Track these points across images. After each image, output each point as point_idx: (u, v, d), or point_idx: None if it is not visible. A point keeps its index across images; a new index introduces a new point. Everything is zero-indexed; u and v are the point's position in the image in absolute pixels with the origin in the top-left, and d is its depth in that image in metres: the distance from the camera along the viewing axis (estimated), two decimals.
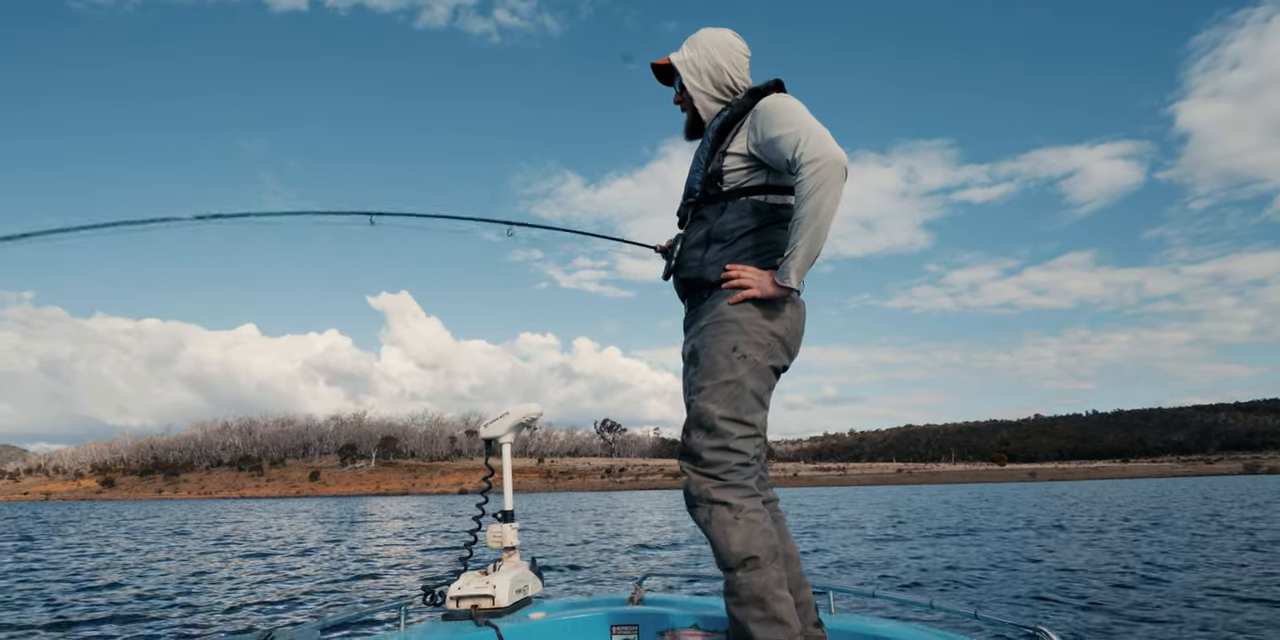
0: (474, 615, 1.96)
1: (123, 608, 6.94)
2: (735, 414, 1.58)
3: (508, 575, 2.05)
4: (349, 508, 44.74)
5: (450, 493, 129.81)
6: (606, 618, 2.06)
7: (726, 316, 1.63)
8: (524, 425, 2.18)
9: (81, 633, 5.80)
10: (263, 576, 9.30)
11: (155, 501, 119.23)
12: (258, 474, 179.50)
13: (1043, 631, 1.52)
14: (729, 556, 1.53)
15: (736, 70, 1.80)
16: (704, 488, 1.57)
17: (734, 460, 1.58)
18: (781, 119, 1.60)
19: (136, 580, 9.11)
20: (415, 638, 1.85)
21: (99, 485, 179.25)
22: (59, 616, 6.47)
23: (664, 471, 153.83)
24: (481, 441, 2.21)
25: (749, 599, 1.50)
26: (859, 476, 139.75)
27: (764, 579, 1.51)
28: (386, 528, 20.38)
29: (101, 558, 12.44)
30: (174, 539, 16.98)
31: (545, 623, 1.99)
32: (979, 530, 14.37)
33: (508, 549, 2.13)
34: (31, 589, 8.33)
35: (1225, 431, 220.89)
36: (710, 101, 1.81)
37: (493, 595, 2.00)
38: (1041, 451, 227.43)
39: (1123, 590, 6.63)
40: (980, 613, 1.76)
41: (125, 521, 29.37)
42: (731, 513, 1.54)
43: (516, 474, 1.89)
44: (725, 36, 1.82)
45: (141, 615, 6.51)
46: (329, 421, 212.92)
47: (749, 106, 1.70)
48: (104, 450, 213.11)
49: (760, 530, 1.55)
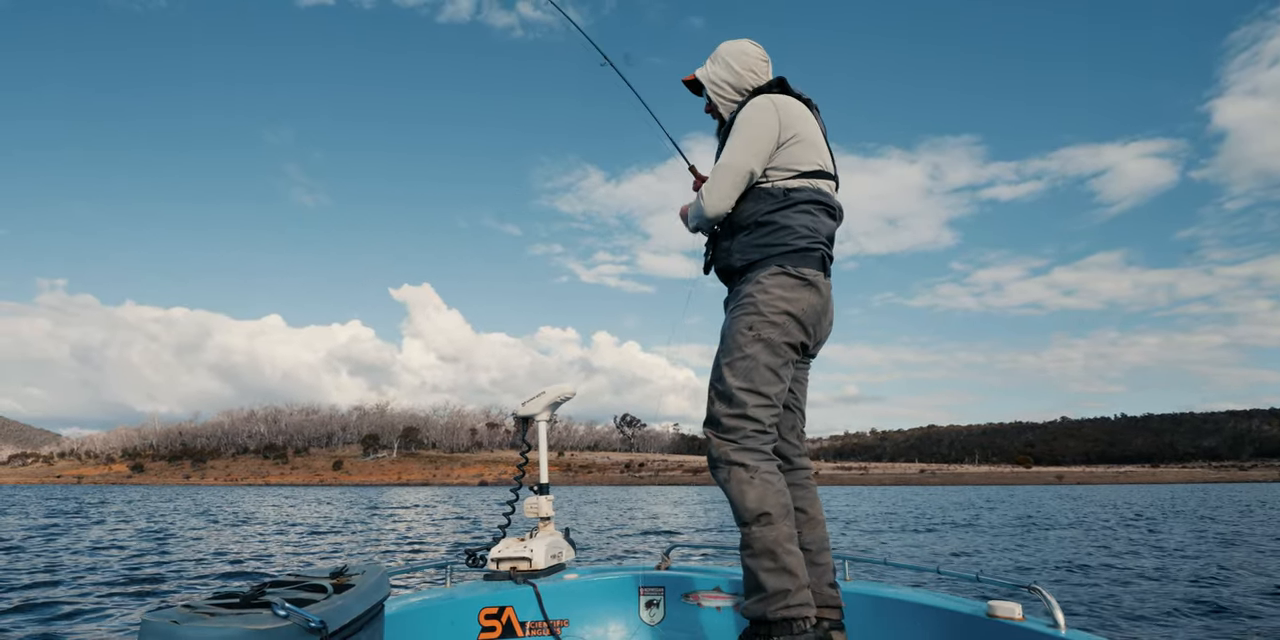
0: (513, 575, 2.16)
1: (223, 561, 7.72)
2: (750, 385, 1.76)
3: (544, 541, 2.24)
4: (373, 495, 45.73)
5: (470, 484, 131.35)
6: (635, 580, 2.24)
7: (746, 299, 1.81)
8: (559, 403, 2.35)
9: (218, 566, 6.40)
10: (327, 543, 9.87)
11: (184, 487, 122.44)
12: (282, 462, 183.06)
13: (1036, 589, 1.68)
14: (744, 512, 1.71)
15: (754, 75, 2.00)
16: (723, 450, 1.75)
17: (749, 426, 1.75)
18: (732, 132, 1.86)
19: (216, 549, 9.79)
20: (461, 593, 2.04)
21: (129, 470, 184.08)
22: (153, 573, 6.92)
23: (684, 467, 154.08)
24: (518, 420, 2.39)
25: (761, 551, 1.68)
26: (881, 476, 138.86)
27: (775, 533, 1.68)
28: (417, 512, 20.89)
29: (196, 530, 13.11)
30: (228, 518, 17.61)
31: (579, 583, 2.18)
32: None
33: (543, 519, 2.32)
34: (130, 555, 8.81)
35: (1260, 438, 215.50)
36: (733, 107, 2.01)
37: (530, 558, 2.19)
38: (1068, 454, 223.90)
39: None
40: (982, 576, 1.92)
41: (201, 503, 30.32)
42: (748, 473, 1.71)
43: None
44: (741, 47, 2.02)
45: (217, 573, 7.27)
46: (352, 412, 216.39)
47: (743, 105, 1.91)
48: (134, 436, 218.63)
49: (774, 490, 1.71)
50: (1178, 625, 4.72)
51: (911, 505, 27.25)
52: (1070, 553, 8.86)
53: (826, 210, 1.88)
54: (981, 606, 1.76)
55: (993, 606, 1.70)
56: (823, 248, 1.84)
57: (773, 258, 1.81)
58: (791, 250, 1.80)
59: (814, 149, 1.88)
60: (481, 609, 2.01)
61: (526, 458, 2.38)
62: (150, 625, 1.02)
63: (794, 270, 1.79)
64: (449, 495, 49.01)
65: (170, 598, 6.10)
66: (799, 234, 1.81)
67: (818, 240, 1.83)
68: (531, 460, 2.38)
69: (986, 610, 1.71)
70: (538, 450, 2.37)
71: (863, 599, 1.96)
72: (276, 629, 1.04)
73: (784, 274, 1.79)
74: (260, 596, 1.17)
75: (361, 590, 1.33)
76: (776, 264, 1.80)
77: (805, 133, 1.86)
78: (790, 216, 1.82)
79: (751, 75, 1.99)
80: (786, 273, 1.79)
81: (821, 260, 1.84)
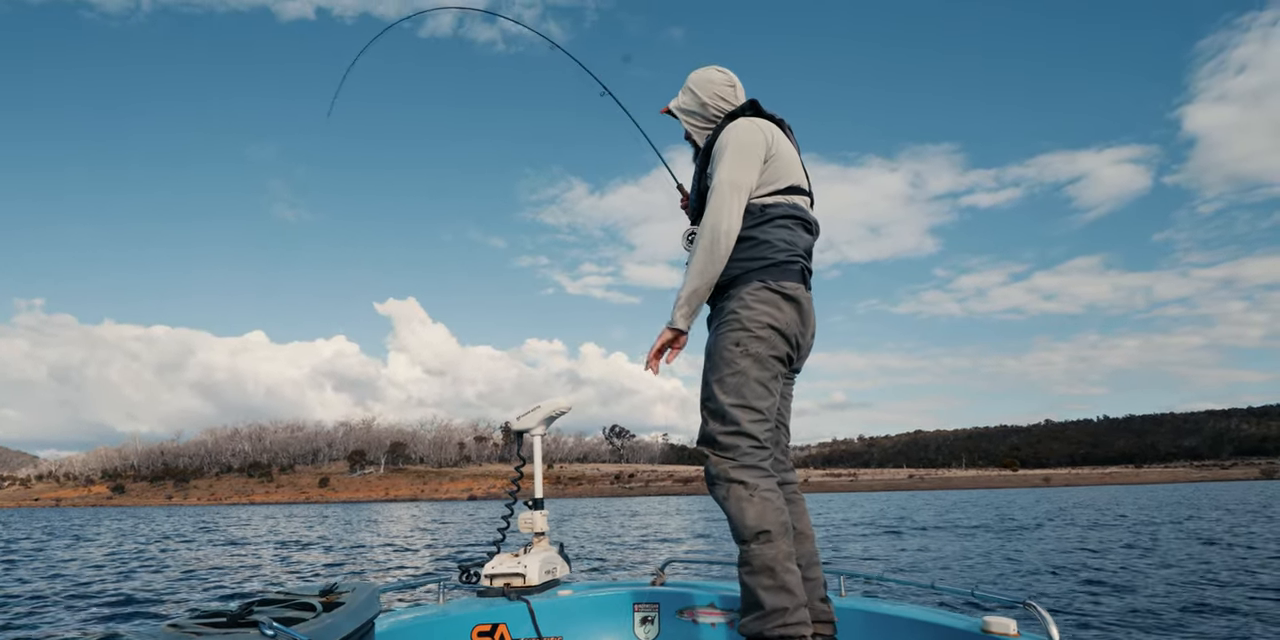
0: (506, 592, 2.14)
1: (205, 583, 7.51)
2: (743, 401, 1.76)
3: (538, 557, 2.23)
4: (361, 511, 45.19)
5: (459, 498, 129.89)
6: (630, 596, 2.23)
7: (730, 315, 1.83)
8: (554, 418, 2.35)
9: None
10: (322, 560, 9.73)
11: (166, 507, 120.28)
12: (267, 480, 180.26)
13: (1031, 605, 1.67)
14: (744, 530, 1.70)
15: (721, 100, 2.06)
16: (722, 467, 1.75)
17: (746, 443, 1.76)
18: (716, 158, 1.88)
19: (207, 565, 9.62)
20: (454, 610, 2.02)
21: (109, 491, 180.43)
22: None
23: (674, 477, 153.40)
24: (513, 436, 2.39)
25: (760, 568, 1.67)
26: (870, 482, 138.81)
27: (774, 551, 1.68)
28: (405, 528, 20.66)
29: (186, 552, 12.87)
30: (214, 536, 17.30)
31: (573, 599, 2.17)
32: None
33: (538, 534, 2.31)
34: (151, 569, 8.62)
35: (1239, 437, 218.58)
36: (705, 132, 2.07)
37: (524, 574, 2.17)
38: (1053, 457, 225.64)
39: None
40: (976, 591, 1.92)
41: (184, 523, 29.78)
42: (747, 490, 1.72)
43: (525, 481, 1.97)
44: (707, 75, 2.09)
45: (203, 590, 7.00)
46: (338, 427, 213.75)
47: (721, 129, 1.95)
48: (114, 456, 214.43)
49: (773, 507, 1.72)
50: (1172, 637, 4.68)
51: (903, 511, 27.30)
52: (1063, 562, 8.90)
53: (803, 225, 1.92)
54: (977, 622, 1.75)
55: (988, 622, 1.70)
56: (801, 261, 1.88)
57: (753, 272, 1.83)
58: (771, 264, 1.82)
59: (790, 166, 1.92)
60: (475, 626, 1.99)
61: (521, 472, 2.37)
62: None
63: (775, 284, 1.81)
64: (439, 510, 48.50)
65: (153, 618, 5.99)
66: (778, 248, 1.84)
67: (796, 253, 1.86)
68: (526, 474, 2.36)
69: (981, 626, 1.71)
70: (532, 464, 2.36)
71: (857, 614, 1.96)
72: None
73: (766, 288, 1.81)
74: (248, 616, 1.16)
75: (351, 608, 1.32)
76: (758, 279, 1.82)
77: (782, 151, 1.91)
78: (768, 231, 1.86)
79: (719, 101, 2.05)
80: (768, 287, 1.81)
81: (801, 273, 1.87)
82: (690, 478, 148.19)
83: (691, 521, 22.82)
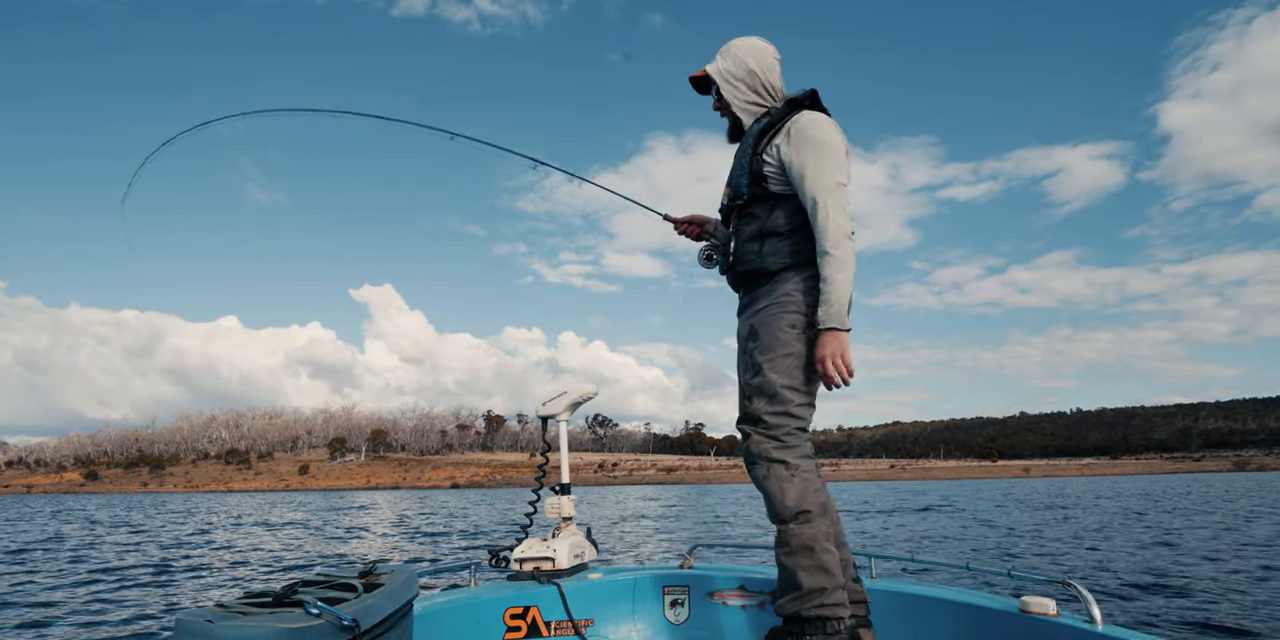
0: (536, 576, 2.16)
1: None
2: (794, 382, 1.79)
3: (566, 541, 2.24)
4: (343, 499, 44.96)
5: (442, 486, 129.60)
6: (659, 579, 2.26)
7: (788, 298, 1.85)
8: (580, 404, 2.36)
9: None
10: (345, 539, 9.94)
11: (142, 494, 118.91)
12: (245, 467, 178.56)
13: (1071, 584, 1.68)
14: (783, 510, 1.73)
15: (769, 73, 1.97)
16: (764, 447, 1.77)
17: (792, 424, 1.79)
18: (803, 155, 1.81)
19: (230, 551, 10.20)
20: (485, 593, 2.04)
21: (82, 478, 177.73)
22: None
23: (657, 466, 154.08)
24: (537, 421, 2.40)
25: (799, 548, 1.71)
26: (854, 472, 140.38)
27: (814, 531, 1.71)
28: (386, 515, 20.61)
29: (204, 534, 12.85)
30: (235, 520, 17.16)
31: (603, 582, 2.19)
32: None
33: (565, 519, 2.32)
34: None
35: (1206, 430, 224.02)
36: (748, 105, 1.99)
37: (553, 558, 2.19)
38: (1027, 448, 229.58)
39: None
40: (1013, 571, 1.93)
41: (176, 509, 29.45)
42: (789, 471, 1.75)
43: (509, 469, 2.02)
44: (754, 43, 2.00)
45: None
46: (317, 415, 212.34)
47: (786, 115, 1.89)
48: (87, 443, 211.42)
49: (813, 488, 1.75)
50: (1213, 621, 4.53)
51: (901, 499, 27.58)
52: (1090, 546, 8.97)
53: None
54: (1014, 603, 1.75)
55: (1025, 602, 1.69)
56: None
57: (808, 262, 1.85)
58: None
59: (846, 162, 1.93)
60: (506, 609, 2.01)
61: (547, 458, 2.38)
62: (184, 624, 1.03)
63: None
64: (420, 498, 48.36)
65: (197, 598, 6.26)
66: None
67: None
68: (552, 461, 2.37)
69: (1019, 606, 1.70)
70: (557, 451, 2.37)
71: (890, 596, 1.97)
72: (309, 627, 1.05)
73: (816, 277, 1.84)
74: (292, 596, 1.19)
75: (391, 589, 1.34)
76: (812, 269, 1.85)
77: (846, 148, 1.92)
78: None
79: (766, 73, 1.96)
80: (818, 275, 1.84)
81: None
82: (673, 466, 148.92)
83: (684, 509, 22.96)
